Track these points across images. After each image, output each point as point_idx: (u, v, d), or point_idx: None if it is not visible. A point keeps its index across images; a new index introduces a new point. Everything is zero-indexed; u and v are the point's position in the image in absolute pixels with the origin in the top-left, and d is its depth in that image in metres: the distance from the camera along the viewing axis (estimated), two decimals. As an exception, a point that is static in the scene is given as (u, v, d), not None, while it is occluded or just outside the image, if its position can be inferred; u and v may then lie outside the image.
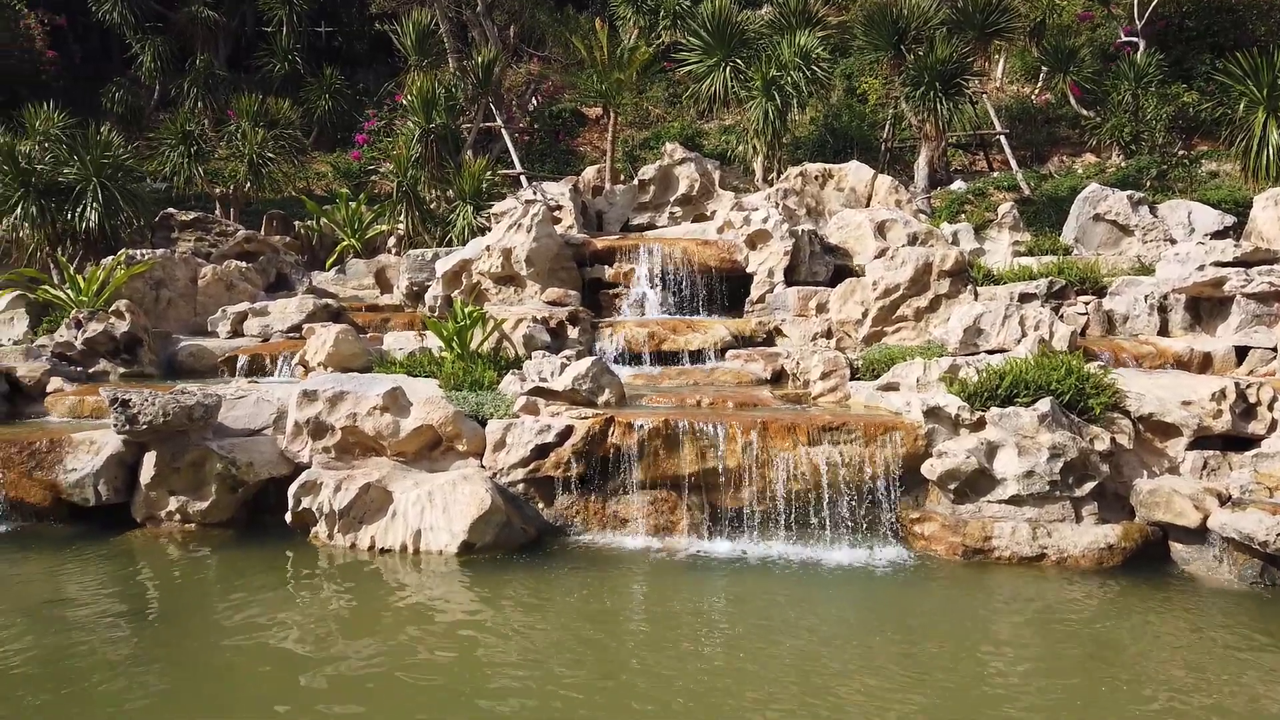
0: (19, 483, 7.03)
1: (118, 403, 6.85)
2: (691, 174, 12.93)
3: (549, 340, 9.45)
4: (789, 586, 5.94)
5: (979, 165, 17.26)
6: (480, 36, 18.28)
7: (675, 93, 18.97)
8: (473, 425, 7.23)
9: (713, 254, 10.92)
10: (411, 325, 10.62)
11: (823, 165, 12.78)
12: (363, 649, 4.88)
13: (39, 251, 12.00)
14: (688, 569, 6.29)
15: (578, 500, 6.98)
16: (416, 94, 14.27)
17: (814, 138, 17.32)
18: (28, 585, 5.97)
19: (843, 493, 6.64)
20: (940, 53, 13.84)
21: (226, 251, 12.85)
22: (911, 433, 6.77)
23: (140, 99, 19.79)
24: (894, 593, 5.90)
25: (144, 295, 10.50)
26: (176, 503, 7.03)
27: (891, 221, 10.68)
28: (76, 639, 5.03)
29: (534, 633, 5.19)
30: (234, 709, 4.29)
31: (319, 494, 6.74)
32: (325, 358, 8.78)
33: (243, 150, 15.06)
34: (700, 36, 14.55)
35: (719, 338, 9.66)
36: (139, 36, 19.73)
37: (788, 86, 13.46)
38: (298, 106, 17.49)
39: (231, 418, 7.54)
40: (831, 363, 8.28)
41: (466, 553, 6.44)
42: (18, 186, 11.62)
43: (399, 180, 13.74)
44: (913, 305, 9.32)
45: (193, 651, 4.91)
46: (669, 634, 5.11)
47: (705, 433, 6.79)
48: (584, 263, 11.15)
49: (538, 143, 18.92)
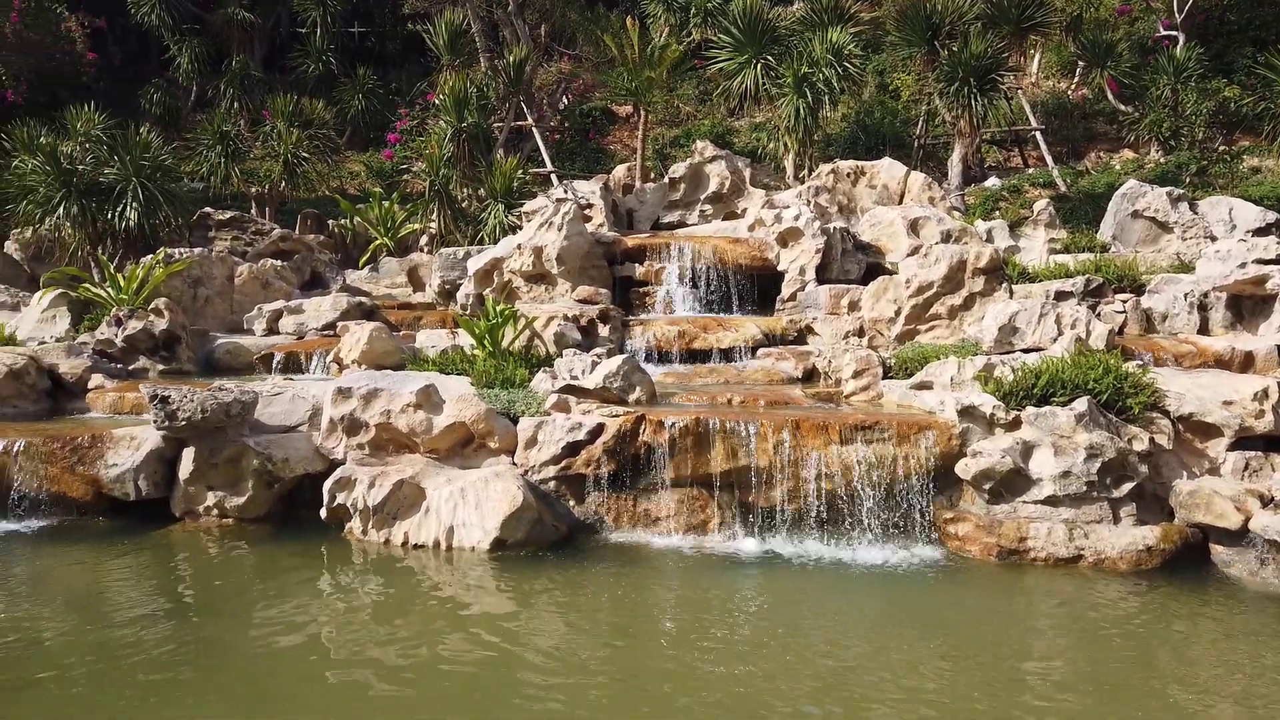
0: (62, 477, 7.18)
1: (157, 399, 6.97)
2: (722, 172, 12.90)
3: (580, 338, 9.47)
4: (821, 586, 5.92)
5: (1014, 162, 17.06)
6: (511, 35, 18.35)
7: (706, 90, 18.93)
8: (504, 423, 7.27)
9: (743, 252, 10.88)
10: (444, 323, 10.70)
11: (855, 162, 12.69)
12: (397, 644, 4.93)
13: (80, 250, 12.21)
14: (719, 568, 6.28)
15: (608, 498, 7.00)
16: (449, 93, 14.35)
17: (846, 135, 17.21)
18: (71, 578, 6.09)
19: (876, 492, 6.60)
20: (975, 48, 13.68)
21: (262, 250, 13.01)
22: (945, 432, 6.71)
23: (178, 100, 20.09)
24: (927, 593, 5.86)
25: (182, 293, 10.66)
26: (214, 498, 7.14)
27: (925, 219, 10.59)
28: (118, 631, 5.12)
29: (566, 630, 5.21)
30: (270, 701, 4.35)
31: (353, 490, 6.82)
32: (359, 355, 8.86)
33: (278, 150, 15.24)
34: (731, 34, 14.50)
35: (750, 336, 9.63)
36: (176, 38, 20.02)
37: (819, 83, 13.38)
38: (331, 106, 17.67)
39: (268, 414, 7.64)
40: (864, 361, 8.23)
41: (498, 549, 6.47)
42: (60, 186, 11.84)
43: (431, 179, 13.83)
44: (946, 303, 9.24)
45: (230, 644, 4.98)
46: (700, 633, 5.10)
47: (736, 431, 6.77)
48: (614, 261, 11.16)
49: (568, 141, 18.96)
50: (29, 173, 12.13)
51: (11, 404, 8.47)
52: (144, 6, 19.50)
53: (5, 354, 8.73)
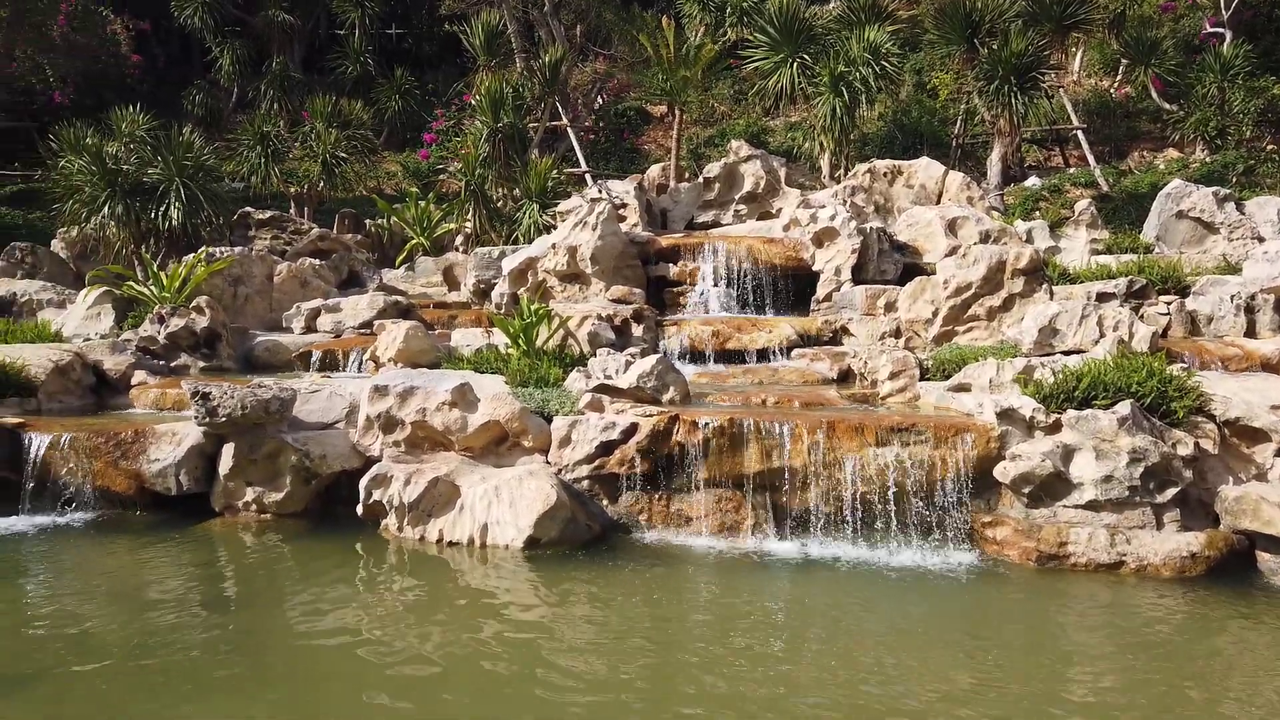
0: (106, 471, 7.31)
1: (198, 396, 7.08)
2: (757, 171, 12.84)
3: (613, 338, 9.48)
4: (855, 589, 5.86)
5: (1054, 161, 16.80)
6: (547, 36, 18.42)
7: (741, 90, 18.86)
8: (538, 422, 7.29)
9: (778, 252, 10.83)
10: (478, 322, 10.76)
11: (891, 162, 12.58)
12: (431, 641, 4.96)
13: (124, 249, 12.44)
14: (752, 569, 6.25)
15: (642, 498, 6.99)
16: (484, 94, 14.43)
17: (882, 134, 17.06)
18: (114, 570, 6.20)
19: (911, 495, 6.53)
20: (1015, 46, 13.50)
21: (301, 249, 13.17)
22: (984, 435, 6.62)
23: (219, 101, 20.42)
24: (964, 598, 5.78)
25: (223, 292, 10.82)
26: (253, 493, 7.23)
27: (963, 219, 10.46)
28: (159, 624, 5.21)
29: (598, 630, 5.21)
30: (305, 695, 4.39)
31: (389, 487, 6.87)
32: (395, 354, 8.94)
33: (316, 150, 15.42)
34: (767, 33, 14.42)
35: (784, 336, 9.58)
36: (218, 40, 20.35)
37: (856, 82, 13.27)
38: (369, 107, 17.86)
39: (305, 411, 7.73)
40: (900, 362, 8.15)
41: (532, 548, 6.49)
42: (105, 186, 12.07)
43: (467, 179, 13.92)
44: (985, 304, 9.12)
45: (267, 638, 5.05)
46: (732, 635, 5.08)
47: (771, 432, 6.74)
48: (648, 261, 11.15)
49: (603, 141, 18.99)
50: (75, 173, 12.39)
51: (58, 399, 8.65)
52: (187, 9, 19.84)
53: (52, 350, 8.91)
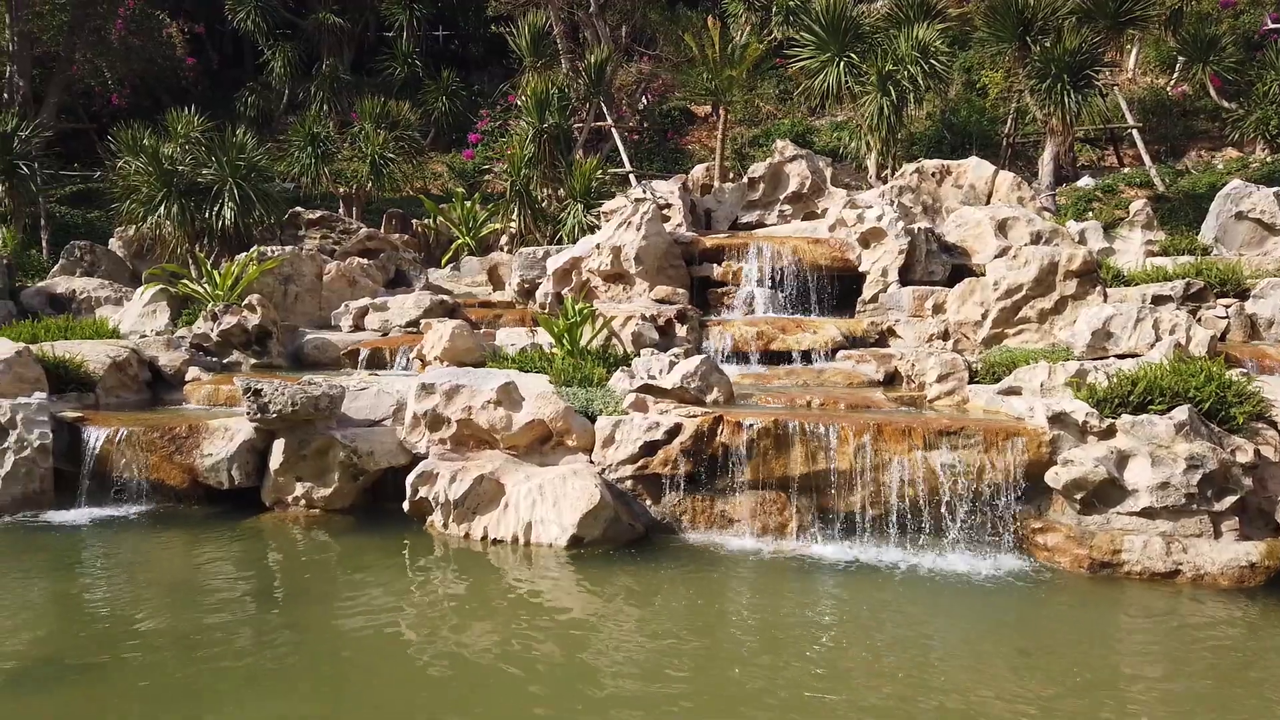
0: (161, 465, 7.48)
1: (250, 392, 7.20)
2: (802, 171, 12.74)
3: (657, 338, 9.47)
4: (901, 594, 5.79)
5: (1108, 161, 16.46)
6: (592, 37, 18.48)
7: (786, 89, 18.75)
8: (582, 421, 7.31)
9: (824, 252, 10.73)
10: (523, 321, 10.82)
11: (940, 161, 12.40)
12: (475, 637, 4.99)
13: (179, 248, 12.72)
14: (796, 572, 6.20)
15: (685, 498, 6.97)
16: (530, 94, 14.52)
17: (930, 133, 16.85)
18: (167, 563, 6.34)
19: (960, 499, 6.43)
20: (1069, 43, 13.24)
21: (349, 249, 13.35)
22: (1035, 439, 6.50)
23: (270, 103, 20.78)
24: (1014, 605, 5.68)
25: (273, 290, 11.00)
26: (302, 488, 7.35)
27: (1014, 219, 10.28)
28: (209, 615, 5.31)
29: (641, 630, 5.21)
30: (353, 690, 4.44)
31: (435, 484, 6.94)
32: (441, 352, 9.02)
33: (365, 151, 15.63)
34: (813, 32, 14.31)
35: (829, 338, 9.49)
36: (270, 43, 20.72)
37: (904, 81, 13.11)
38: (416, 108, 18.05)
39: (354, 408, 7.83)
40: (949, 365, 8.03)
41: (575, 546, 6.51)
42: (161, 186, 12.35)
43: (512, 179, 14.01)
44: (1036, 307, 8.95)
45: (315, 633, 5.12)
46: (776, 639, 5.04)
47: (816, 434, 6.68)
48: (692, 261, 11.13)
49: (647, 141, 19.00)
50: (133, 173, 12.69)
51: (115, 394, 8.87)
52: (240, 12, 20.23)
53: (109, 346, 9.14)
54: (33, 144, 14.10)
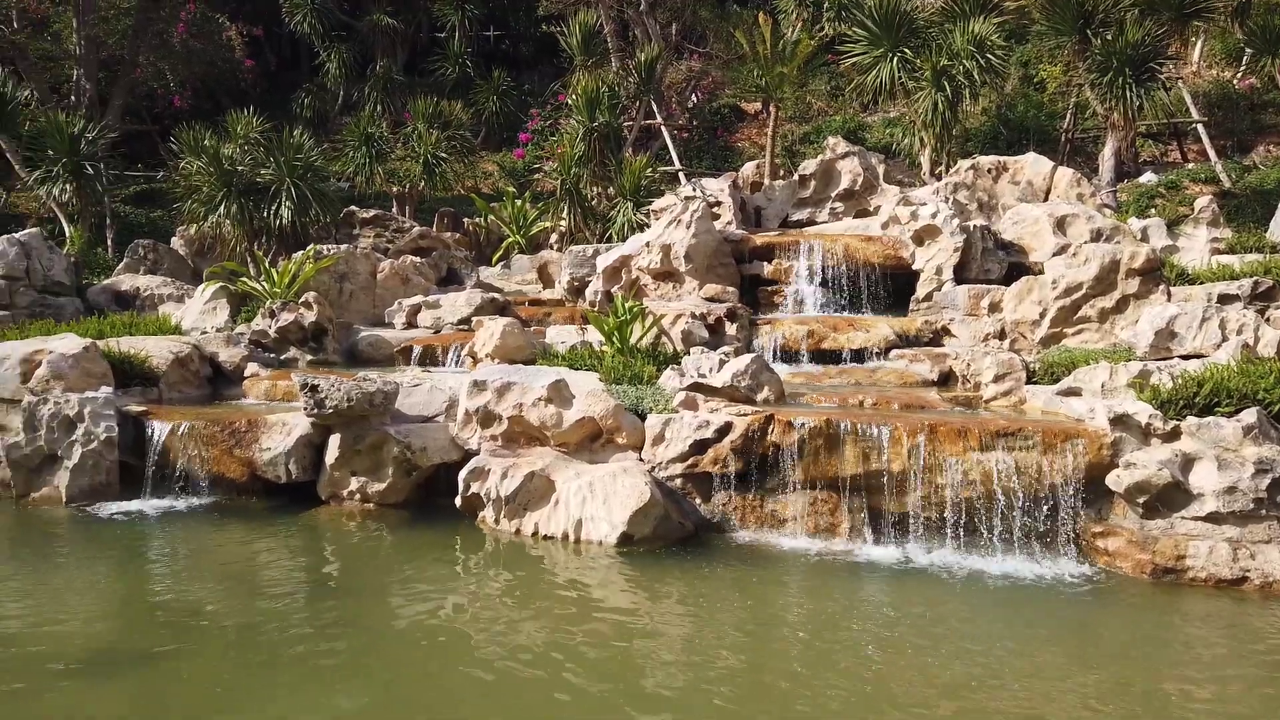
0: (221, 459, 7.65)
1: (307, 388, 7.34)
2: (854, 168, 12.60)
3: (707, 336, 9.44)
4: (956, 597, 5.70)
5: (1172, 156, 16.02)
6: (643, 35, 18.48)
7: (838, 85, 18.54)
8: (632, 419, 7.31)
9: (876, 250, 10.60)
10: (573, 319, 10.86)
11: (996, 158, 12.17)
12: (525, 634, 5.02)
13: (238, 246, 12.99)
14: (847, 573, 6.14)
15: (735, 497, 6.94)
16: (581, 93, 14.55)
17: (986, 129, 16.55)
18: (228, 555, 6.49)
19: (1017, 502, 6.30)
20: (1131, 35, 12.90)
21: (402, 247, 13.53)
22: (1095, 441, 6.35)
23: (326, 104, 21.13)
24: (1073, 611, 5.55)
25: (329, 288, 11.19)
26: (357, 483, 7.46)
27: (1073, 216, 10.05)
28: (267, 608, 5.42)
29: (690, 630, 5.20)
30: (406, 684, 4.50)
31: (486, 480, 7.00)
32: (492, 349, 9.10)
33: (418, 151, 15.81)
34: (866, 27, 14.12)
35: (882, 337, 9.38)
36: (325, 45, 21.06)
37: (959, 76, 12.88)
38: (468, 108, 18.21)
39: (407, 405, 7.93)
40: (1006, 364, 7.88)
41: (625, 544, 6.52)
42: (221, 186, 12.63)
43: (562, 178, 14.06)
44: (1096, 306, 8.75)
45: (369, 627, 5.19)
46: (826, 641, 4.99)
47: (869, 434, 6.60)
48: (742, 259, 11.07)
49: (696, 139, 18.95)
50: (194, 173, 12.99)
51: (177, 389, 9.09)
52: (297, 15, 20.59)
53: (172, 343, 9.37)
54: (99, 145, 14.50)
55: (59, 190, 13.97)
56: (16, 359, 8.30)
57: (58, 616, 5.25)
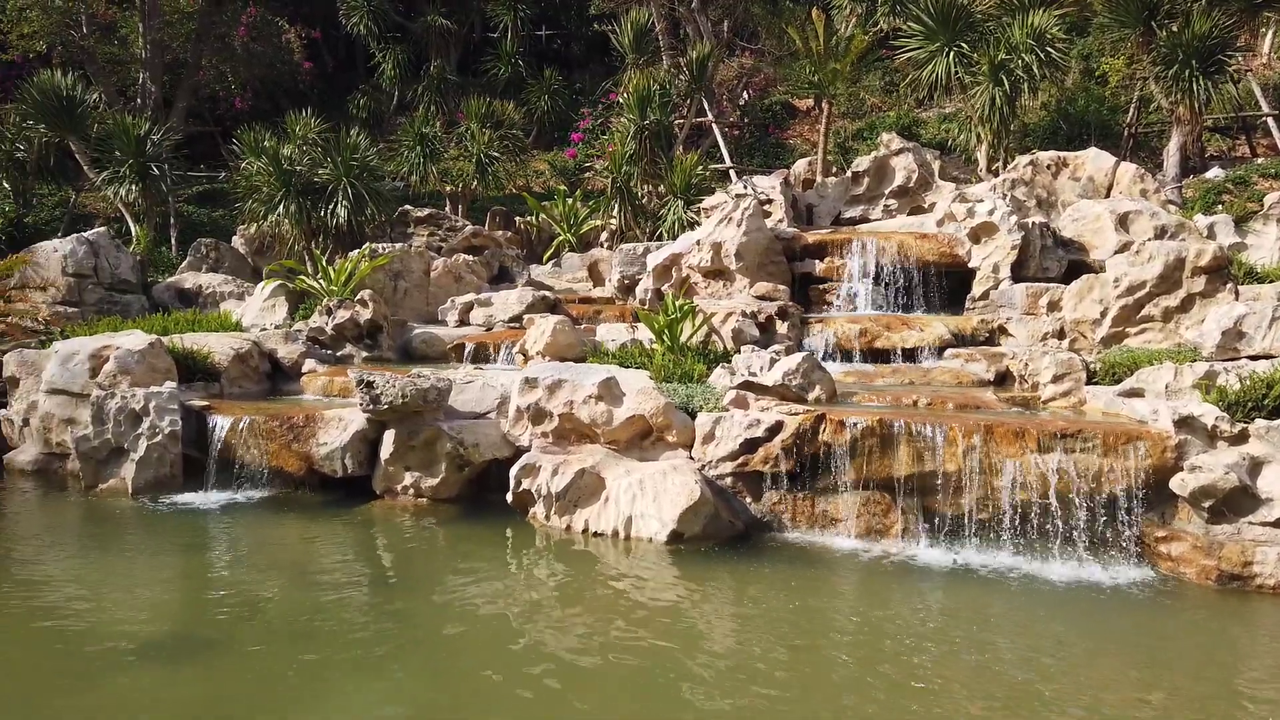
0: (279, 453, 7.82)
1: (363, 384, 7.46)
2: (909, 164, 12.42)
3: (757, 335, 9.39)
4: (1012, 602, 5.59)
5: (1240, 151, 15.51)
6: (694, 32, 18.43)
7: (892, 81, 18.31)
8: (682, 417, 7.31)
9: (931, 248, 10.44)
10: (623, 317, 10.89)
11: (1056, 153, 11.89)
12: (575, 630, 5.05)
13: (296, 244, 13.26)
14: (900, 575, 6.06)
15: (786, 497, 6.90)
16: (632, 91, 14.57)
17: (1045, 124, 16.19)
18: (286, 547, 6.63)
19: (1076, 505, 6.17)
20: (1198, 27, 12.52)
21: (455, 246, 13.68)
22: (1159, 443, 6.18)
23: (381, 104, 21.45)
24: (1134, 618, 5.41)
25: (384, 286, 11.36)
26: (411, 478, 7.57)
27: (1136, 213, 9.79)
28: (324, 600, 5.52)
29: (741, 630, 5.17)
30: (458, 678, 4.55)
31: (537, 477, 7.05)
32: (543, 347, 9.15)
33: (471, 150, 15.97)
34: (922, 21, 13.91)
35: (937, 336, 9.24)
36: (381, 46, 21.38)
37: (1018, 70, 12.62)
38: (520, 108, 18.34)
39: (459, 401, 8.02)
40: (1065, 365, 7.71)
41: (675, 542, 6.52)
42: (281, 186, 12.90)
43: (613, 176, 14.09)
44: (1160, 305, 8.52)
45: (422, 620, 5.26)
46: (878, 645, 4.93)
47: (923, 434, 6.51)
48: (794, 257, 10.98)
49: (748, 136, 18.85)
50: (255, 174, 13.28)
51: (238, 385, 9.31)
52: (354, 17, 20.94)
53: (233, 339, 9.60)
54: (163, 147, 14.90)
55: (125, 190, 14.39)
56: (86, 354, 8.57)
57: (123, 606, 5.41)
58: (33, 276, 11.64)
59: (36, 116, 14.80)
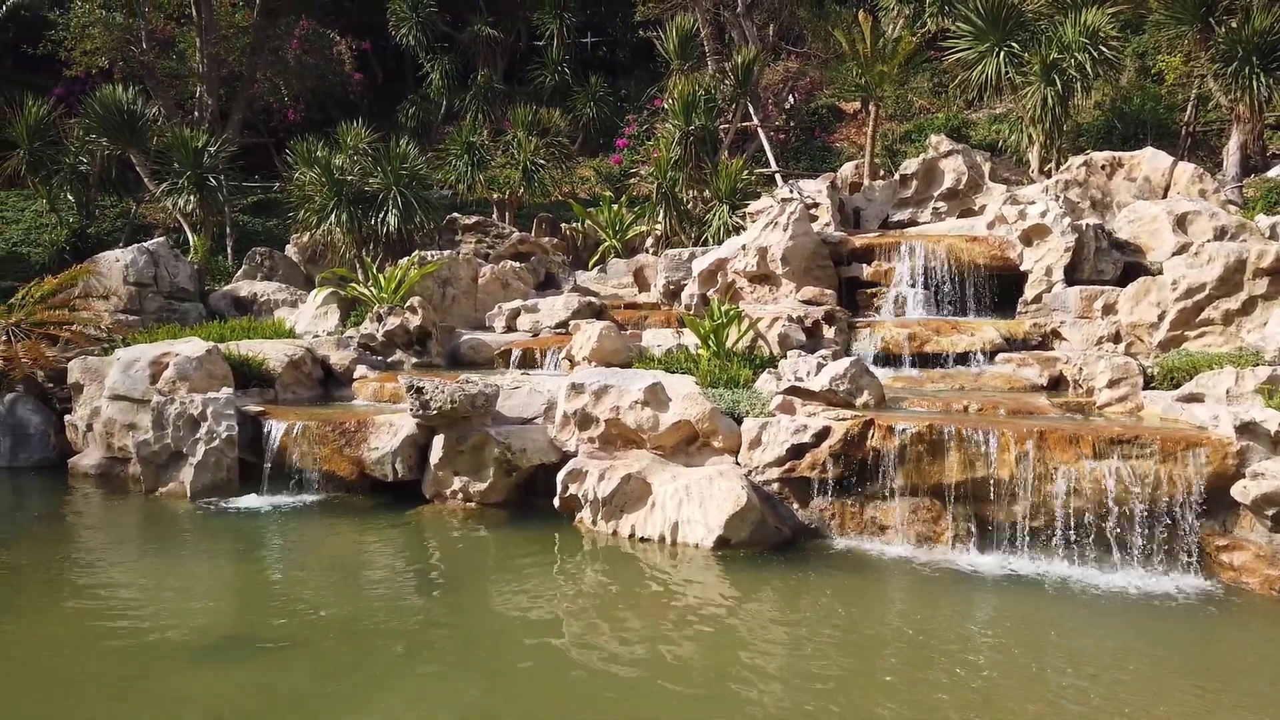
0: (332, 457, 7.96)
1: (413, 389, 7.56)
2: (958, 166, 12.27)
3: (804, 340, 9.33)
4: (1067, 612, 5.48)
5: (1304, 148, 15.03)
6: (739, 37, 18.40)
7: (940, 82, 18.09)
8: (729, 422, 7.29)
9: (981, 251, 10.29)
10: (668, 323, 10.89)
11: (1110, 153, 11.65)
12: (621, 636, 5.06)
13: (347, 253, 13.50)
14: (951, 583, 5.98)
15: (833, 503, 6.84)
16: (677, 97, 14.59)
17: (1099, 124, 15.87)
18: (337, 551, 6.74)
19: (1133, 513, 6.03)
20: (1259, 22, 12.18)
21: (502, 252, 13.81)
22: (1219, 450, 6.02)
23: (430, 113, 21.74)
24: (1194, 629, 5.28)
25: (433, 292, 11.52)
26: (459, 483, 7.65)
27: (1194, 213, 9.55)
28: (375, 602, 5.60)
29: (789, 639, 5.14)
30: (507, 681, 4.59)
31: (584, 482, 7.08)
32: (589, 353, 9.20)
33: (517, 158, 16.13)
34: (971, 22, 13.73)
35: (988, 340, 9.10)
36: (429, 56, 21.69)
37: (1070, 69, 12.39)
38: (565, 115, 18.47)
39: (507, 407, 8.09)
40: (1121, 369, 7.55)
41: (721, 548, 6.50)
42: (333, 195, 13.15)
43: (658, 182, 14.12)
44: (1220, 308, 8.29)
45: (472, 623, 5.32)
46: (929, 656, 4.86)
47: (974, 440, 6.42)
48: (841, 261, 10.90)
49: (793, 140, 18.76)
50: (308, 183, 13.56)
51: (292, 390, 9.50)
52: (402, 28, 21.26)
53: (287, 346, 9.80)
54: (220, 158, 15.29)
55: (184, 201, 14.78)
56: (146, 361, 8.81)
57: (181, 607, 5.55)
58: (96, 286, 12.00)
59: (99, 130, 15.27)
